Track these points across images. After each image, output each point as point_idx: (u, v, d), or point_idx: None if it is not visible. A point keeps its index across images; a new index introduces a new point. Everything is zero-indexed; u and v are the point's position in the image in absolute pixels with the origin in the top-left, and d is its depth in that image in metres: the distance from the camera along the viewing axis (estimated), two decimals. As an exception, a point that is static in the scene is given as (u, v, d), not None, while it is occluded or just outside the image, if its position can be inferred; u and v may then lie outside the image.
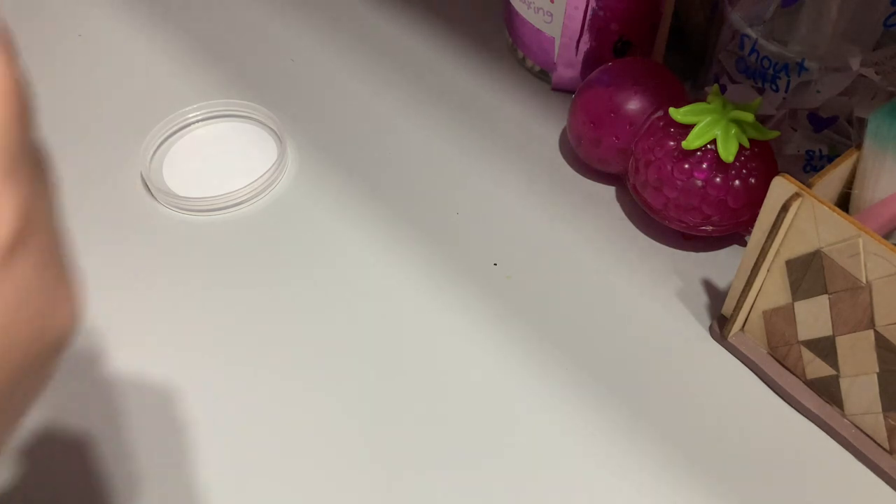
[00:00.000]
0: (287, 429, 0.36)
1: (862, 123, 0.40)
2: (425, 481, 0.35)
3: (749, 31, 0.42)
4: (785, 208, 0.32)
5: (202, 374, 0.38)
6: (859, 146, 0.33)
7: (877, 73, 0.39)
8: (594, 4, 0.46)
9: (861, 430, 0.35)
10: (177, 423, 0.37)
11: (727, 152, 0.38)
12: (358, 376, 0.38)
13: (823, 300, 0.33)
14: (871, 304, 0.31)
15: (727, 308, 0.38)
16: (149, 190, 0.46)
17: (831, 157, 0.43)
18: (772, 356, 0.38)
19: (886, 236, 0.32)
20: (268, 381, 0.38)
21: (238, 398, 0.37)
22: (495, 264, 0.42)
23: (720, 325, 0.39)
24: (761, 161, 0.39)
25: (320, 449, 0.36)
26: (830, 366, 0.35)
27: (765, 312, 0.36)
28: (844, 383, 0.34)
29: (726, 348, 0.39)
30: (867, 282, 0.31)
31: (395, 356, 0.39)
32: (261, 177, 0.45)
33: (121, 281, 0.42)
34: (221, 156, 0.48)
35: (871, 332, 0.32)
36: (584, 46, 0.48)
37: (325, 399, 0.37)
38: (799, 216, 0.32)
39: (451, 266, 0.42)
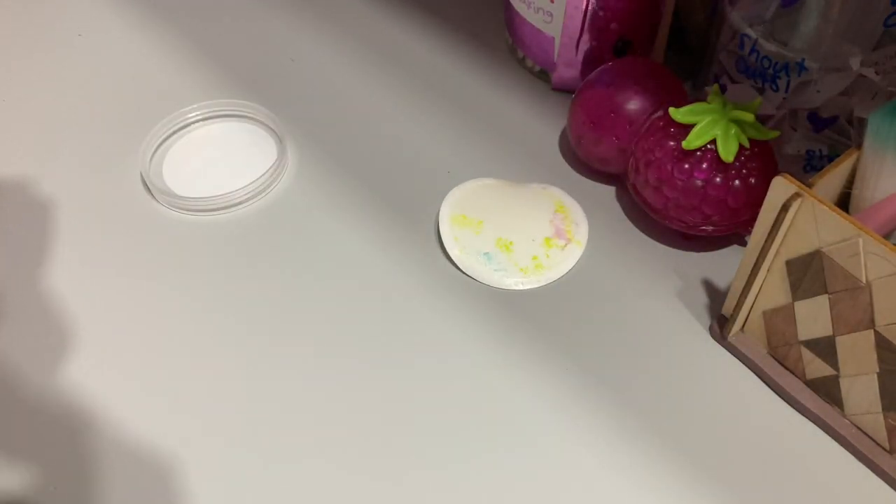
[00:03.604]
0: (286, 428, 0.36)
1: (862, 123, 0.40)
2: (423, 478, 0.35)
3: (749, 31, 0.42)
4: (785, 208, 0.32)
5: (200, 375, 0.38)
6: (859, 146, 0.33)
7: (877, 73, 0.39)
8: (594, 4, 0.46)
9: (861, 430, 0.35)
10: (176, 421, 0.37)
11: (727, 152, 0.38)
12: (358, 374, 0.38)
13: (823, 300, 0.33)
14: (871, 304, 0.31)
15: (727, 308, 0.38)
16: (149, 190, 0.46)
17: (831, 157, 0.43)
18: (772, 356, 0.38)
19: (886, 236, 0.32)
20: (267, 380, 0.38)
21: (237, 397, 0.37)
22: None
23: (720, 325, 0.39)
24: (761, 161, 0.39)
25: (318, 446, 0.36)
26: (830, 366, 0.35)
27: (765, 312, 0.36)
28: (844, 383, 0.34)
29: (726, 348, 0.39)
30: (867, 282, 0.31)
31: (395, 353, 0.39)
32: (261, 177, 0.45)
33: (120, 281, 0.42)
34: (221, 156, 0.48)
35: (871, 332, 0.32)
36: (584, 46, 0.48)
37: (325, 396, 0.37)
38: (799, 216, 0.32)
39: (450, 264, 0.42)
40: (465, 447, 0.36)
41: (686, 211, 0.40)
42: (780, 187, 0.32)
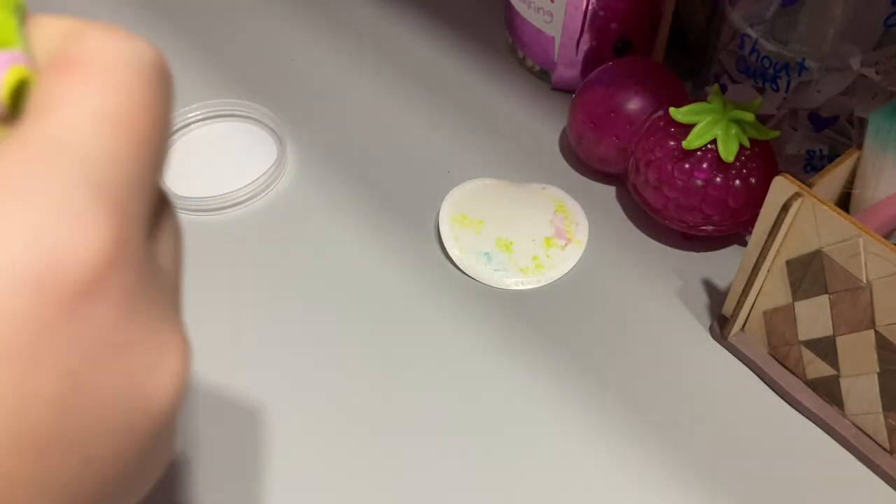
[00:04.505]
0: (284, 429, 0.36)
1: (862, 123, 0.40)
2: (422, 476, 0.35)
3: (749, 31, 0.42)
4: (785, 208, 0.32)
5: (198, 376, 0.38)
6: (860, 146, 0.33)
7: (877, 72, 0.39)
8: (594, 4, 0.46)
9: (861, 430, 0.35)
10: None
11: (727, 152, 0.38)
12: (356, 374, 0.38)
13: (824, 300, 0.33)
14: (871, 304, 0.31)
15: (727, 308, 0.38)
16: (149, 190, 0.46)
17: (832, 157, 0.43)
18: (772, 356, 0.38)
19: (887, 236, 0.32)
20: (266, 381, 0.38)
21: (236, 398, 0.37)
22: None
23: (720, 325, 0.39)
24: (762, 161, 0.39)
25: (313, 446, 0.36)
26: (831, 366, 0.35)
27: (765, 312, 0.36)
28: (845, 383, 0.34)
29: (726, 348, 0.39)
30: (867, 282, 0.31)
31: (394, 353, 0.39)
32: (261, 177, 0.45)
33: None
34: (221, 156, 0.48)
35: (871, 332, 0.32)
36: (584, 46, 0.48)
37: (322, 396, 0.37)
38: (799, 216, 0.32)
39: (450, 263, 0.42)
40: (464, 446, 0.36)
41: (686, 211, 0.40)
42: (781, 187, 0.32)
